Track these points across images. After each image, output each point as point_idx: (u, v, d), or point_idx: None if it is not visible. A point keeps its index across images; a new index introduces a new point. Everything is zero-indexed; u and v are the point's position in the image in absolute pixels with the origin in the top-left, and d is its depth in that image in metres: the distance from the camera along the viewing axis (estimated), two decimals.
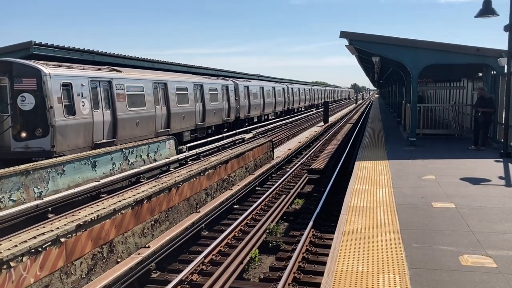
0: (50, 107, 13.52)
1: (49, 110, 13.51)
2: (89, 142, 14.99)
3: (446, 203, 8.02)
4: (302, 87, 56.69)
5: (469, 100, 19.46)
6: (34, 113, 13.61)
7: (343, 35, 15.53)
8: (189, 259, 8.90)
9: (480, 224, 6.81)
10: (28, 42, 15.50)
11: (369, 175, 10.63)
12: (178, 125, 21.13)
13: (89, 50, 18.14)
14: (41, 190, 11.15)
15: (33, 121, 13.61)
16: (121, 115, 16.59)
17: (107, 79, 16.28)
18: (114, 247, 8.23)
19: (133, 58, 21.34)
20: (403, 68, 19.18)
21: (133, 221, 8.88)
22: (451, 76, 22.66)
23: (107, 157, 13.90)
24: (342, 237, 6.37)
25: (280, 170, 18.59)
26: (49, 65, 14.17)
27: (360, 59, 26.26)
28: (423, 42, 15.45)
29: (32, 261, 6.30)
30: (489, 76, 15.99)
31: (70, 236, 7.09)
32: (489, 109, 14.37)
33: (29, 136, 13.59)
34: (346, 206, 7.99)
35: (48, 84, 13.53)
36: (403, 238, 6.23)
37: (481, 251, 5.69)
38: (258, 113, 35.68)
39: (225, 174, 14.04)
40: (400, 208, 7.76)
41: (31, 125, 13.60)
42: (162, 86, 20.03)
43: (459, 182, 9.81)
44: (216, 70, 32.20)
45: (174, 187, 10.63)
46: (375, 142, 17.16)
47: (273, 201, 13.28)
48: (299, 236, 10.03)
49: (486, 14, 12.62)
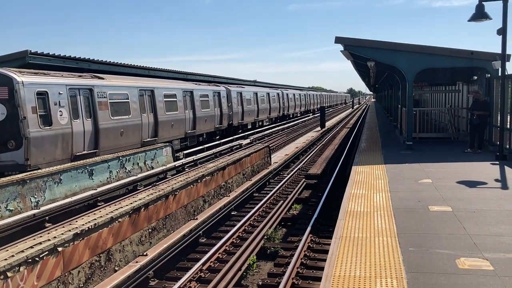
0: (24, 117, 12.72)
1: (22, 120, 12.71)
2: (68, 154, 14.26)
3: (443, 207, 8.04)
4: (297, 93, 56.80)
5: (464, 103, 19.56)
6: (6, 124, 12.79)
7: (338, 40, 15.60)
8: (187, 267, 8.88)
9: (476, 227, 6.83)
10: (24, 51, 15.49)
11: (366, 180, 10.66)
12: (167, 134, 20.48)
13: (85, 59, 18.14)
14: (38, 199, 11.12)
15: (5, 133, 12.80)
16: (103, 125, 15.88)
17: (88, 87, 15.58)
18: (111, 255, 8.21)
19: (129, 66, 21.31)
20: (398, 72, 19.27)
21: (130, 229, 8.86)
22: (446, 80, 22.76)
23: (104, 165, 13.88)
24: (339, 242, 6.38)
25: (278, 176, 18.59)
26: (22, 72, 13.44)
27: (356, 64, 26.36)
28: (418, 47, 15.54)
29: (29, 271, 6.27)
30: (483, 79, 16.09)
31: (67, 245, 7.08)
32: (484, 112, 14.44)
33: (1, 149, 12.82)
34: (344, 211, 8.01)
35: (21, 93, 12.73)
36: (400, 242, 6.25)
37: (478, 254, 5.71)
38: (252, 119, 35.55)
39: (223, 181, 14.04)
40: (397, 212, 7.77)
41: (2, 137, 12.82)
42: (149, 93, 19.40)
43: (456, 185, 9.84)
44: (207, 76, 31.67)
45: (172, 195, 10.62)
46: (371, 147, 17.20)
47: (271, 207, 13.27)
48: (297, 241, 10.04)
49: (479, 18, 12.71)
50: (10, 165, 12.77)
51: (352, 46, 16.13)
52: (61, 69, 16.35)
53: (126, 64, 21.19)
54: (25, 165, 12.72)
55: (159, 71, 24.36)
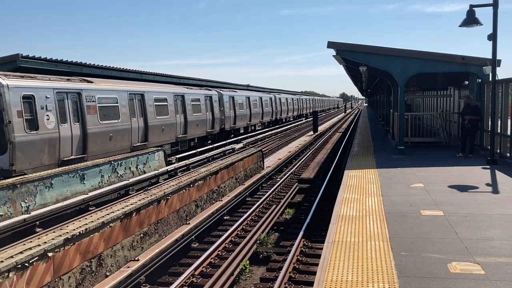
0: (9, 121, 12.37)
1: (7, 125, 12.35)
2: (55, 159, 13.91)
3: (435, 211, 8.07)
4: (290, 97, 56.90)
5: (456, 108, 19.70)
6: None
7: (330, 45, 15.67)
8: (179, 272, 8.82)
9: (468, 231, 6.86)
10: (15, 55, 15.38)
11: (358, 184, 10.68)
12: (157, 138, 20.24)
13: (77, 62, 18.07)
14: (28, 204, 11.01)
15: None
16: (91, 129, 15.54)
17: (76, 91, 15.24)
18: (103, 260, 8.15)
19: (121, 70, 21.25)
20: (390, 77, 19.38)
21: (122, 234, 8.81)
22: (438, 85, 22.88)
23: (95, 169, 13.79)
24: (331, 246, 6.38)
25: (271, 180, 18.59)
26: (8, 75, 13.06)
27: (348, 68, 26.48)
28: (410, 52, 15.65)
29: (18, 276, 6.21)
30: (474, 84, 16.22)
31: (58, 251, 7.01)
32: (475, 117, 14.54)
33: None
34: (336, 216, 8.01)
35: (6, 97, 12.39)
36: (392, 247, 6.25)
37: (469, 258, 5.73)
38: (245, 123, 35.47)
39: (215, 185, 14.01)
40: (389, 217, 7.79)
41: None
42: (139, 97, 19.08)
43: (447, 189, 9.88)
44: (200, 80, 31.43)
45: (163, 199, 10.58)
46: (364, 151, 17.25)
47: (264, 211, 13.26)
48: (290, 246, 10.03)
49: (470, 23, 12.82)
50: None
51: (344, 51, 16.21)
52: (53, 73, 16.25)
53: (118, 68, 21.11)
54: (10, 170, 12.40)
55: (151, 75, 24.17)
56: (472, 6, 12.86)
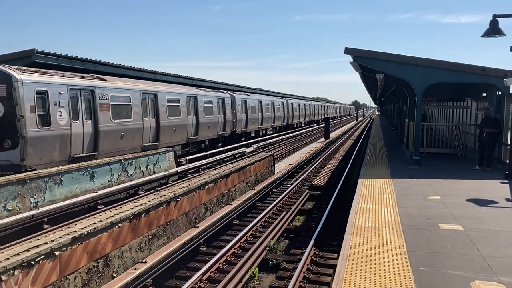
0: (21, 116, 12.33)
1: (19, 119, 12.31)
2: (65, 156, 13.81)
3: (454, 225, 7.79)
4: (302, 102, 56.64)
5: (473, 120, 19.31)
6: (3, 123, 12.42)
7: (347, 51, 15.43)
8: (187, 276, 8.62)
9: (490, 248, 6.57)
10: (31, 50, 15.36)
11: (373, 194, 10.41)
12: (168, 139, 20.06)
13: (92, 60, 18.02)
14: (37, 200, 10.91)
15: (1, 131, 12.42)
16: (103, 127, 15.45)
17: (89, 88, 15.17)
18: (110, 261, 7.97)
19: (135, 69, 21.20)
20: (407, 86, 19.06)
21: (130, 234, 8.63)
22: (455, 95, 22.55)
23: (105, 168, 13.68)
24: (347, 258, 6.13)
25: (281, 186, 18.34)
26: (22, 70, 13.02)
27: (364, 76, 26.19)
28: (429, 61, 15.33)
29: (24, 275, 6.04)
30: (494, 96, 15.85)
31: (65, 249, 6.85)
32: (494, 129, 14.19)
33: None
34: (351, 226, 7.75)
35: (20, 91, 12.34)
36: (411, 261, 6.00)
37: (493, 278, 5.45)
38: (256, 127, 35.27)
39: (225, 189, 13.81)
40: (406, 229, 7.52)
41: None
42: (152, 97, 18.98)
43: (465, 203, 9.58)
44: (213, 82, 31.31)
45: (173, 201, 10.39)
46: (377, 160, 16.95)
47: (274, 217, 13.02)
48: (300, 254, 9.77)
49: (493, 34, 12.51)
50: (4, 164, 12.36)
51: (361, 58, 15.93)
52: (68, 69, 16.21)
53: (132, 67, 21.06)
54: (21, 165, 12.33)
55: (164, 75, 24.11)
56: (495, 16, 12.55)
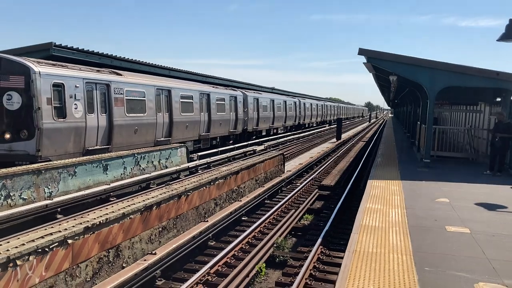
0: (38, 108, 12.56)
1: (36, 111, 12.54)
2: (80, 148, 14.06)
3: (460, 228, 7.83)
4: (314, 102, 56.56)
5: (485, 124, 19.20)
6: (20, 114, 12.62)
7: (361, 52, 15.45)
8: (195, 269, 8.77)
9: (496, 251, 6.61)
10: (49, 43, 15.66)
11: (381, 194, 10.47)
12: (181, 135, 20.29)
13: (108, 55, 18.28)
14: (51, 190, 11.15)
15: (18, 122, 12.63)
16: (117, 121, 15.67)
17: (105, 82, 15.37)
18: (120, 251, 8.16)
19: (150, 65, 21.43)
20: (420, 88, 19.02)
21: (141, 226, 8.81)
22: (468, 99, 22.39)
23: (119, 161, 13.89)
24: (353, 256, 6.23)
25: (291, 184, 18.44)
26: (40, 63, 13.22)
27: (377, 77, 26.14)
28: (442, 64, 15.30)
29: (38, 260, 6.24)
30: (508, 101, 15.76)
31: (77, 238, 7.04)
32: (507, 135, 14.14)
33: (13, 137, 12.63)
34: (358, 225, 7.84)
35: (37, 83, 12.59)
36: (415, 261, 6.07)
37: (498, 280, 5.51)
38: (267, 126, 35.33)
39: (235, 185, 13.95)
40: (412, 230, 7.59)
41: (16, 126, 12.64)
42: (166, 93, 19.19)
43: (474, 207, 9.60)
44: (225, 80, 31.50)
45: (184, 195, 10.56)
46: (388, 162, 16.96)
47: (282, 215, 13.13)
48: (307, 252, 9.87)
49: (509, 38, 12.44)
50: (20, 154, 12.62)
51: (375, 59, 15.95)
52: (84, 63, 16.47)
53: (147, 63, 21.30)
54: (36, 156, 12.61)
55: (178, 72, 24.38)
56: (511, 21, 12.48)
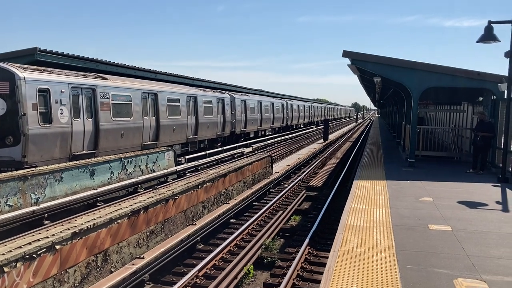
0: (23, 113, 12.48)
1: (21, 117, 12.46)
2: (66, 153, 14.00)
3: (443, 226, 8.01)
4: (302, 104, 56.86)
5: (469, 123, 19.55)
6: (5, 120, 12.58)
7: (345, 54, 15.65)
8: (183, 272, 8.85)
9: (476, 248, 6.80)
10: (33, 48, 15.59)
11: (367, 195, 10.64)
12: (168, 138, 20.27)
13: (93, 59, 18.23)
14: (38, 196, 11.13)
15: (3, 128, 12.57)
16: (104, 125, 15.65)
17: (91, 86, 15.34)
18: (108, 256, 8.20)
19: (136, 68, 21.41)
20: (404, 89, 19.29)
21: (129, 231, 8.86)
22: (452, 99, 22.78)
23: (105, 165, 13.90)
24: (337, 255, 6.36)
25: (278, 186, 18.57)
26: (25, 68, 13.19)
27: (362, 78, 26.42)
28: (425, 65, 15.56)
29: (26, 267, 6.27)
30: (489, 101, 16.09)
31: (65, 244, 7.08)
32: (488, 134, 14.42)
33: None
34: (343, 225, 7.98)
35: (22, 89, 12.50)
36: (398, 259, 6.22)
37: (476, 276, 5.68)
38: (255, 128, 35.46)
39: (223, 188, 14.03)
40: (396, 229, 7.75)
41: (1, 133, 12.57)
42: (152, 97, 19.18)
43: (456, 205, 9.81)
44: (213, 83, 31.49)
45: (171, 199, 10.62)
46: (374, 162, 17.18)
47: (270, 216, 13.25)
48: (295, 253, 10.00)
49: (487, 39, 12.73)
50: (6, 161, 12.53)
51: (359, 61, 16.16)
52: (69, 68, 16.42)
53: (133, 67, 21.27)
54: (22, 162, 12.50)
55: (165, 75, 24.30)
56: (490, 22, 12.79)
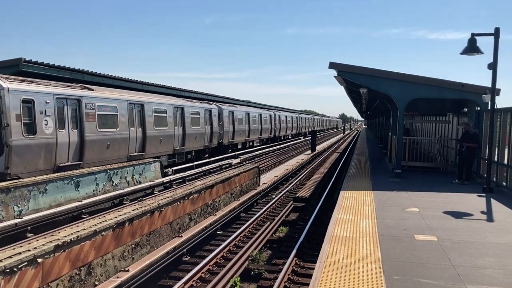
0: (7, 124, 12.35)
1: (5, 128, 12.32)
2: (51, 165, 13.86)
3: (428, 236, 8.04)
4: (290, 115, 57.09)
5: (454, 134, 19.75)
6: None
7: (332, 66, 15.77)
8: (169, 285, 8.75)
9: (461, 258, 6.83)
10: (18, 58, 15.44)
11: (353, 205, 10.65)
12: (155, 149, 20.20)
13: (79, 70, 18.13)
14: (21, 209, 10.95)
15: None
16: (89, 136, 15.55)
17: (76, 97, 15.25)
18: (92, 269, 8.07)
19: (123, 79, 21.30)
20: (390, 100, 19.48)
21: (113, 243, 8.74)
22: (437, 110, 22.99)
23: (91, 177, 13.75)
24: (323, 266, 6.33)
25: (266, 197, 18.53)
26: (9, 79, 13.05)
27: (349, 90, 26.62)
28: (410, 76, 15.74)
29: (6, 281, 6.13)
30: (473, 112, 16.29)
31: (47, 257, 6.95)
32: (473, 144, 14.58)
33: None
34: (329, 236, 7.97)
35: (6, 100, 12.36)
36: (384, 270, 6.21)
37: (461, 286, 5.69)
38: (243, 139, 35.45)
39: (210, 199, 13.95)
40: (382, 239, 7.75)
41: None
42: (139, 107, 19.14)
43: (442, 215, 9.86)
44: (200, 94, 31.47)
45: (157, 210, 10.52)
46: (360, 173, 17.24)
47: (257, 228, 13.19)
48: (282, 264, 9.96)
49: (471, 51, 12.93)
50: None
51: (345, 72, 16.29)
52: (55, 79, 16.29)
53: (120, 77, 21.17)
54: (5, 173, 12.31)
55: (152, 86, 24.22)
56: (473, 35, 12.99)
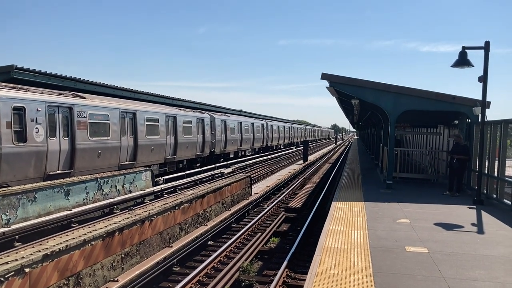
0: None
1: None
2: (41, 173, 13.78)
3: (419, 248, 8.04)
4: (282, 125, 57.24)
5: (445, 146, 19.89)
6: None
7: (324, 77, 15.85)
8: None
9: (451, 270, 6.83)
10: (10, 65, 15.37)
11: (345, 216, 10.64)
12: (146, 158, 20.12)
13: (71, 77, 18.06)
14: (9, 217, 10.80)
15: None
16: (80, 145, 15.47)
17: (68, 105, 15.18)
18: (81, 279, 7.96)
19: (115, 88, 21.27)
20: (381, 112, 19.59)
21: (103, 253, 8.64)
22: (428, 122, 23.19)
23: (81, 186, 13.62)
24: (314, 278, 6.30)
25: (258, 207, 18.47)
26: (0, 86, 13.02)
27: (340, 100, 26.73)
28: (402, 88, 15.85)
29: None
30: (464, 124, 16.42)
31: (35, 266, 6.84)
32: (464, 156, 14.67)
33: None
34: (321, 247, 7.94)
35: None
36: (375, 282, 6.19)
37: None
38: (235, 148, 35.46)
39: (201, 209, 13.88)
40: (374, 251, 7.74)
41: None
42: (131, 116, 19.09)
43: (433, 227, 9.87)
44: (192, 103, 31.54)
45: (148, 220, 10.44)
46: (352, 183, 17.27)
47: (249, 238, 13.13)
48: (273, 275, 9.89)
49: (461, 64, 13.06)
50: None
51: (337, 83, 16.38)
52: (47, 86, 16.21)
53: (112, 86, 21.13)
54: None
55: (144, 95, 24.20)
56: (464, 48, 13.14)
